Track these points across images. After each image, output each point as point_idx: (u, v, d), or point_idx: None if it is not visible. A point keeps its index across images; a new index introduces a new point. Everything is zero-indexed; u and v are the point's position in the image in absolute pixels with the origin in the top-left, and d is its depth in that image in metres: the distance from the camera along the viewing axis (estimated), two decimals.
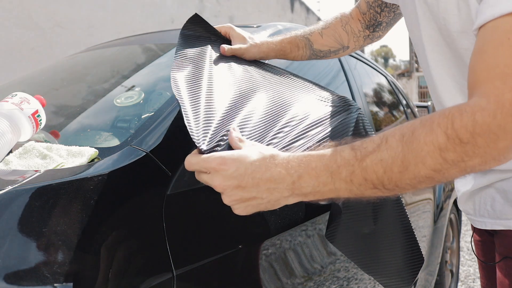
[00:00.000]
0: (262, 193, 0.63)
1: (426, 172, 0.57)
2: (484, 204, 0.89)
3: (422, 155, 0.57)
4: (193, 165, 0.66)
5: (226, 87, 0.85)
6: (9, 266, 0.57)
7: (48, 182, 0.67)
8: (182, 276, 0.72)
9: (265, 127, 0.77)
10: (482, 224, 0.90)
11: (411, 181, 0.59)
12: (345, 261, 1.19)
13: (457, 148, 0.55)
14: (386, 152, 0.59)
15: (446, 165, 0.57)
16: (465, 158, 0.56)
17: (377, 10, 1.11)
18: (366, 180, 0.60)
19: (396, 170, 0.58)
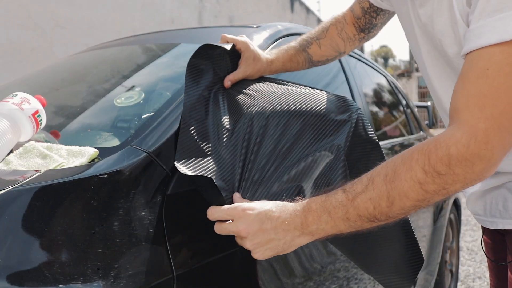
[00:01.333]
0: (279, 234, 0.71)
1: (411, 203, 0.65)
2: (495, 204, 0.89)
3: (404, 190, 0.64)
4: (218, 212, 0.75)
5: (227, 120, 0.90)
6: (9, 266, 0.57)
7: (48, 182, 0.67)
8: (182, 276, 0.72)
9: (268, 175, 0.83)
10: (493, 224, 0.91)
11: (400, 211, 0.66)
12: (345, 261, 1.19)
13: (436, 180, 0.63)
14: (373, 192, 0.67)
15: (428, 195, 0.64)
16: (445, 186, 0.63)
17: (373, 15, 1.12)
18: (360, 216, 0.68)
19: (384, 205, 0.66)
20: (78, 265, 0.62)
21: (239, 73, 1.01)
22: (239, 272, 0.85)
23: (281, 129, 0.86)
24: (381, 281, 0.92)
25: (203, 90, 0.95)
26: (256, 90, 0.97)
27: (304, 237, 0.71)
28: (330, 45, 1.17)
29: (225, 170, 0.82)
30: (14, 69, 3.41)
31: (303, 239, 0.72)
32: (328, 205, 0.69)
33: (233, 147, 0.85)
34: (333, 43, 1.17)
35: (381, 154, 0.91)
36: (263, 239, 0.71)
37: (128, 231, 0.69)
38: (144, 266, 0.68)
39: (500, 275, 1.03)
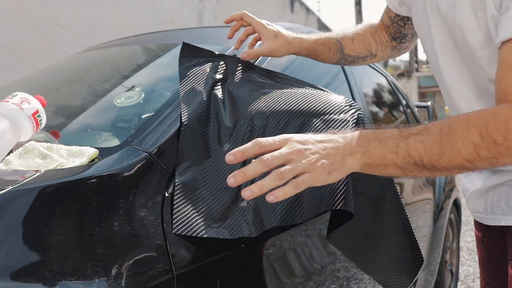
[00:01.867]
0: (332, 150, 0.68)
1: (460, 160, 0.66)
2: (497, 201, 0.90)
3: (458, 146, 0.66)
4: (269, 143, 0.67)
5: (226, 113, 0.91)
6: (9, 266, 0.57)
7: (48, 182, 0.67)
8: (182, 276, 0.72)
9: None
10: (495, 221, 0.91)
11: (446, 165, 0.67)
12: (345, 261, 1.19)
13: (490, 147, 0.65)
14: (427, 137, 0.68)
15: (479, 158, 0.66)
16: (497, 156, 0.65)
17: (400, 24, 1.13)
18: (409, 155, 0.68)
19: (435, 152, 0.67)
20: (78, 265, 0.62)
21: (261, 49, 1.02)
22: (239, 272, 0.85)
23: (281, 129, 0.86)
24: (380, 281, 0.92)
25: (201, 90, 0.95)
26: (257, 90, 0.97)
27: (353, 156, 0.69)
28: (363, 42, 1.17)
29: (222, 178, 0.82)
30: (14, 69, 3.41)
31: (352, 158, 0.69)
32: (380, 136, 0.70)
33: (232, 149, 0.85)
34: (366, 40, 1.17)
35: None
36: (323, 156, 0.66)
37: (128, 231, 0.69)
38: (144, 266, 0.68)
39: (492, 271, 1.04)
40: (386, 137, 0.69)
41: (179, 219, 0.75)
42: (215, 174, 0.82)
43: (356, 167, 0.70)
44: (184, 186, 0.79)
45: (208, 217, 0.77)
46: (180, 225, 0.74)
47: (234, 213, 0.77)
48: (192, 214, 0.76)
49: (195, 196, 0.79)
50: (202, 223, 0.76)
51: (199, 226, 0.75)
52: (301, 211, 0.77)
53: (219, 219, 0.77)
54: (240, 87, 0.99)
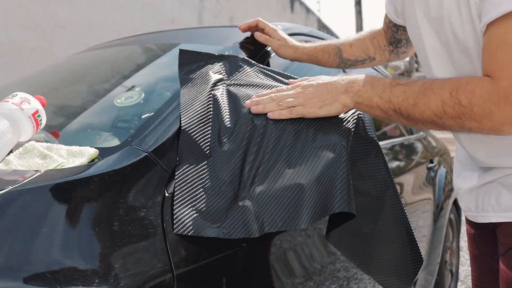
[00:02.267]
0: (329, 87, 0.86)
1: (429, 113, 0.75)
2: (488, 199, 0.92)
3: (429, 100, 0.75)
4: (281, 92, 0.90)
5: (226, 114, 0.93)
6: (9, 266, 0.57)
7: (48, 182, 0.67)
8: (182, 276, 0.72)
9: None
10: (486, 219, 0.93)
11: (419, 115, 0.77)
12: (345, 261, 1.19)
13: (455, 107, 0.72)
14: (409, 88, 0.79)
15: (445, 115, 0.74)
16: (461, 117, 0.72)
17: (393, 29, 1.20)
18: (390, 101, 0.80)
19: (411, 102, 0.77)
20: (78, 265, 0.62)
21: (270, 41, 1.17)
22: (239, 272, 0.85)
23: (281, 128, 0.86)
24: (380, 281, 0.92)
25: (201, 91, 0.95)
26: (257, 90, 0.97)
27: (346, 94, 0.85)
28: (361, 46, 1.25)
29: (224, 177, 0.82)
30: (14, 69, 3.41)
31: (345, 96, 0.85)
32: (375, 81, 0.83)
33: (232, 149, 0.85)
34: (364, 45, 1.26)
35: (381, 153, 0.92)
36: (315, 93, 0.85)
37: (128, 231, 0.69)
38: (144, 266, 0.68)
39: (483, 268, 1.06)
40: (379, 83, 0.82)
41: (179, 219, 0.75)
42: (215, 174, 0.82)
43: (349, 103, 0.85)
44: (184, 186, 0.79)
45: (208, 217, 0.77)
46: (180, 225, 0.74)
47: (234, 213, 0.77)
48: (192, 214, 0.76)
49: (195, 196, 0.79)
50: (202, 223, 0.76)
51: (199, 226, 0.75)
52: (302, 215, 0.76)
53: (219, 219, 0.77)
54: (240, 87, 0.99)
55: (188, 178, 0.80)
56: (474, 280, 1.11)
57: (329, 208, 0.75)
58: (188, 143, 0.85)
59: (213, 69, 1.04)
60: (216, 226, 0.76)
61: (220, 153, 0.85)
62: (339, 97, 0.85)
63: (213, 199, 0.79)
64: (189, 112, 0.89)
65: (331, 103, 0.85)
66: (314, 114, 0.85)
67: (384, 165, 0.91)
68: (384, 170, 0.91)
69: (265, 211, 0.77)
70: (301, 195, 0.78)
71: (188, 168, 0.81)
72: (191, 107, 0.91)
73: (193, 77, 1.01)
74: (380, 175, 0.91)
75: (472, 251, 1.10)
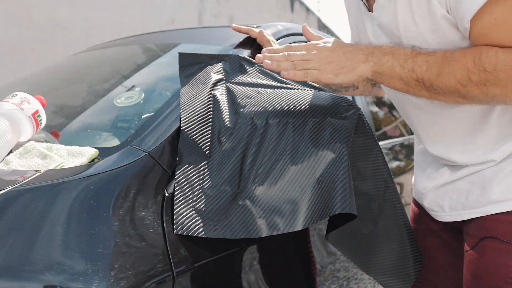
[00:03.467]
0: (347, 55, 0.82)
1: (454, 82, 0.75)
2: (457, 199, 0.91)
3: (454, 69, 0.75)
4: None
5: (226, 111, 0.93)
6: (9, 266, 0.57)
7: (48, 182, 0.67)
8: (182, 275, 0.72)
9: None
10: (458, 217, 0.92)
11: (443, 85, 0.76)
12: (345, 261, 1.19)
13: (481, 74, 0.73)
14: (432, 57, 0.78)
15: (470, 83, 0.74)
16: (486, 83, 0.73)
17: None
18: (413, 70, 0.78)
19: (434, 71, 0.76)
20: (78, 265, 0.62)
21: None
22: (239, 271, 0.85)
23: (282, 128, 0.86)
24: (380, 281, 0.92)
25: (201, 92, 0.95)
26: (257, 91, 0.97)
27: (367, 63, 0.81)
28: None
29: (223, 177, 0.82)
30: (14, 69, 3.41)
31: (365, 65, 0.82)
32: (395, 51, 0.81)
33: (232, 149, 0.85)
34: None
35: (381, 153, 0.91)
36: (333, 57, 0.82)
37: (128, 231, 0.69)
38: (144, 266, 0.68)
39: (437, 264, 1.03)
40: (400, 53, 0.80)
41: (179, 219, 0.75)
42: (215, 174, 0.82)
43: (368, 73, 0.82)
44: (184, 186, 0.79)
45: (208, 217, 0.77)
46: (180, 225, 0.74)
47: (234, 214, 0.77)
48: (193, 214, 0.76)
49: (196, 196, 0.79)
50: (203, 223, 0.76)
51: (199, 226, 0.75)
52: (303, 216, 0.76)
53: (219, 219, 0.77)
54: (240, 86, 0.99)
55: (188, 178, 0.80)
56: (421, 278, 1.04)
57: (330, 209, 0.75)
58: (188, 143, 0.85)
59: (213, 69, 1.04)
60: (216, 226, 0.76)
61: (220, 153, 0.85)
62: (357, 66, 0.82)
63: (213, 199, 0.79)
64: (189, 112, 0.89)
65: (349, 71, 0.82)
66: (329, 81, 0.82)
67: (384, 165, 0.91)
68: (384, 170, 0.91)
69: (265, 212, 0.77)
70: (301, 196, 0.78)
71: (188, 168, 0.81)
72: (191, 107, 0.91)
73: (193, 78, 1.01)
74: (380, 175, 0.91)
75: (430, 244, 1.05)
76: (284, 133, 0.86)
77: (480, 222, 0.89)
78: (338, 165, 0.80)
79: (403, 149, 1.97)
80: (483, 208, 0.87)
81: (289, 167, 0.81)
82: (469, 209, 0.89)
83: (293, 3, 9.16)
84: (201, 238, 0.75)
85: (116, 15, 4.48)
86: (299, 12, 9.51)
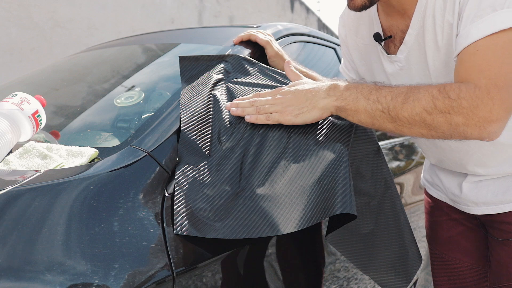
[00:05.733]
0: (308, 94, 0.85)
1: (420, 109, 0.76)
2: (495, 192, 1.01)
3: (419, 96, 0.76)
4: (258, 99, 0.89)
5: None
6: (9, 266, 0.57)
7: (48, 182, 0.67)
8: (182, 276, 0.72)
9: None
10: (497, 209, 1.02)
11: (408, 114, 0.77)
12: (345, 261, 1.19)
13: (445, 100, 0.74)
14: (396, 89, 0.80)
15: (436, 110, 0.75)
16: (450, 111, 0.74)
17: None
18: (378, 100, 0.79)
19: (400, 100, 0.78)
20: (78, 265, 0.62)
21: (266, 45, 1.16)
22: (239, 272, 0.85)
23: (282, 128, 0.86)
24: (378, 280, 0.92)
25: (201, 92, 0.95)
26: (257, 90, 0.97)
27: (328, 99, 0.84)
28: None
29: (223, 177, 0.82)
30: (14, 69, 3.41)
31: (326, 100, 0.84)
32: (359, 85, 0.83)
33: (232, 149, 0.85)
34: None
35: (381, 154, 0.92)
36: (292, 100, 0.85)
37: (128, 231, 0.69)
38: (144, 266, 0.68)
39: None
40: (363, 86, 0.82)
41: (179, 219, 0.75)
42: (215, 174, 0.82)
43: (331, 108, 0.84)
44: (184, 186, 0.79)
45: (209, 217, 0.77)
46: (180, 225, 0.74)
47: (234, 214, 0.77)
48: (193, 214, 0.76)
49: (196, 196, 0.79)
50: (203, 223, 0.76)
51: (200, 226, 0.75)
52: (303, 216, 0.76)
53: (219, 219, 0.77)
54: (240, 86, 0.99)
55: (188, 178, 0.80)
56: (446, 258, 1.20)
57: (331, 210, 0.75)
58: (187, 143, 0.85)
59: (213, 70, 1.04)
60: (216, 226, 0.76)
61: (220, 153, 0.85)
62: (318, 103, 0.84)
63: (213, 199, 0.79)
64: (189, 112, 0.89)
65: (309, 110, 0.84)
66: (290, 122, 0.85)
67: (384, 165, 0.91)
68: (384, 170, 0.91)
69: (266, 212, 0.77)
70: (302, 196, 0.78)
71: (188, 168, 0.81)
72: (191, 107, 0.91)
73: (194, 80, 1.02)
74: (380, 175, 0.91)
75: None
76: (284, 133, 0.86)
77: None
78: (338, 165, 0.79)
79: (403, 149, 1.97)
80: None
81: (289, 167, 0.81)
82: (509, 202, 0.99)
83: (293, 3, 9.16)
84: (201, 238, 0.75)
85: (116, 15, 4.48)
86: (299, 12, 9.51)
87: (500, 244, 1.04)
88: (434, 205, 1.22)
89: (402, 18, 0.93)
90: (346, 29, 1.12)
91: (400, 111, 0.77)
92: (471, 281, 1.16)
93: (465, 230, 1.15)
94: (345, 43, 1.13)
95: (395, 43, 0.96)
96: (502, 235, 1.02)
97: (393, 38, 0.97)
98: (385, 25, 0.98)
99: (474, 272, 1.15)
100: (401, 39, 0.94)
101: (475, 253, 1.14)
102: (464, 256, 1.16)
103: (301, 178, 0.80)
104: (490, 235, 1.07)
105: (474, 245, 1.14)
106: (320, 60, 1.57)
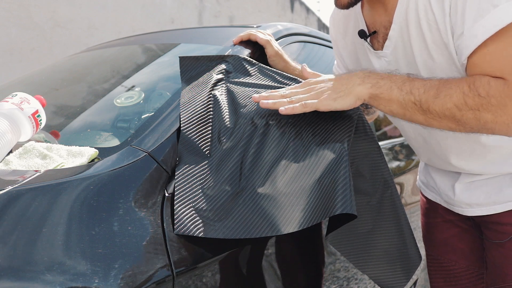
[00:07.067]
0: (343, 80, 0.85)
1: (451, 105, 0.77)
2: (488, 193, 1.01)
3: (451, 92, 0.77)
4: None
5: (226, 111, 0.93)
6: (9, 266, 0.57)
7: (48, 182, 0.67)
8: (182, 276, 0.72)
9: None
10: (491, 210, 1.02)
11: (440, 108, 0.78)
12: (345, 261, 1.19)
13: (475, 98, 0.76)
14: (429, 82, 0.81)
15: (466, 107, 0.76)
16: (480, 108, 0.75)
17: None
18: (411, 92, 0.80)
19: (432, 93, 0.79)
20: (78, 265, 0.62)
21: (265, 44, 1.16)
22: (239, 272, 0.85)
23: (282, 128, 0.86)
24: (376, 279, 0.92)
25: (201, 92, 0.95)
26: (258, 92, 0.97)
27: (363, 85, 0.83)
28: None
29: (223, 176, 0.82)
30: (14, 69, 3.41)
31: (362, 87, 0.83)
32: (392, 76, 0.83)
33: (232, 149, 0.85)
34: None
35: (381, 153, 0.91)
36: (328, 86, 0.84)
37: (128, 231, 0.69)
38: (144, 266, 0.68)
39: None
40: (397, 77, 0.83)
41: (179, 219, 0.75)
42: (215, 174, 0.82)
43: (365, 95, 0.83)
44: (184, 186, 0.79)
45: (209, 217, 0.77)
46: (180, 225, 0.74)
47: (234, 214, 0.77)
48: (193, 214, 0.76)
49: (196, 196, 0.79)
50: (203, 223, 0.76)
51: (200, 226, 0.75)
52: (303, 216, 0.76)
53: (219, 219, 0.77)
54: (240, 87, 0.99)
55: (188, 178, 0.80)
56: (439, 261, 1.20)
57: (331, 210, 0.75)
58: (187, 143, 0.85)
59: (213, 70, 1.04)
60: (216, 226, 0.76)
61: (220, 153, 0.85)
62: (354, 89, 0.82)
63: (213, 199, 0.79)
64: (189, 112, 0.89)
65: (346, 95, 0.82)
66: (328, 107, 0.82)
67: (384, 165, 0.91)
68: (384, 170, 0.91)
69: (266, 212, 0.77)
70: (302, 197, 0.78)
71: (188, 168, 0.81)
72: (191, 107, 0.91)
73: (194, 80, 1.02)
74: (380, 175, 0.91)
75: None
76: (284, 133, 0.86)
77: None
78: (338, 165, 0.79)
79: (403, 149, 1.97)
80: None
81: (289, 167, 0.81)
82: (503, 203, 0.99)
83: (293, 3, 9.16)
84: (201, 238, 0.75)
85: (116, 15, 4.48)
86: (299, 12, 9.51)
87: (494, 246, 1.03)
88: (429, 207, 1.23)
89: (384, 14, 0.93)
90: (335, 29, 1.12)
91: (431, 105, 0.78)
92: (468, 283, 1.15)
93: (460, 232, 1.15)
94: (335, 42, 1.14)
95: (378, 39, 0.96)
96: (497, 236, 1.02)
97: (377, 34, 0.96)
98: (368, 22, 0.98)
99: (470, 274, 1.15)
100: (384, 35, 0.94)
101: (470, 255, 1.14)
102: (459, 258, 1.16)
103: (301, 178, 0.80)
104: (484, 236, 1.07)
105: (469, 246, 1.14)
106: (320, 60, 1.57)
